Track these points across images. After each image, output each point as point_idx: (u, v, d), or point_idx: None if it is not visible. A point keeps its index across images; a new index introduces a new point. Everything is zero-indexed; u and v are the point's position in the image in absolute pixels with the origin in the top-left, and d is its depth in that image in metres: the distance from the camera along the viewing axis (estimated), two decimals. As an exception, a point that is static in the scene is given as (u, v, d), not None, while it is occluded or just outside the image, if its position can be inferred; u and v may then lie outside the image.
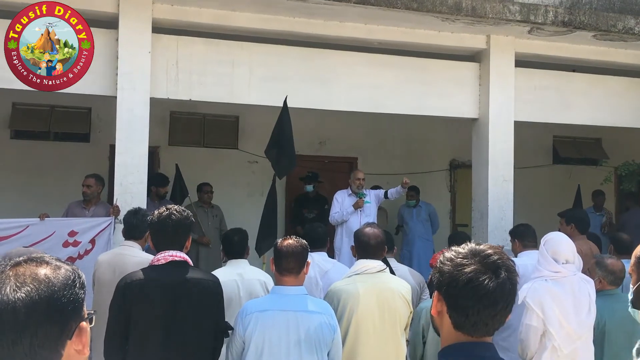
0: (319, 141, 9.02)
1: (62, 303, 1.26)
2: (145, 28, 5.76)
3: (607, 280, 4.01)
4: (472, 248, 1.59)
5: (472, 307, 1.51)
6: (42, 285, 1.25)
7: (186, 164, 8.08)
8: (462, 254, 1.58)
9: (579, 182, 9.32)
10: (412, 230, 8.35)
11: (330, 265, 4.36)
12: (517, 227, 5.14)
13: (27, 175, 7.79)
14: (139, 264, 3.85)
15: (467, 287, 1.51)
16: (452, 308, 1.55)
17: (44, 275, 1.27)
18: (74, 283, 1.30)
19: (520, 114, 6.90)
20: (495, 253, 1.58)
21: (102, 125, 7.97)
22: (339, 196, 6.99)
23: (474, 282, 1.51)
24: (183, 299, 2.94)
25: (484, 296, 1.50)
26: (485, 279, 1.52)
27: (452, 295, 1.54)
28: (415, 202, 8.40)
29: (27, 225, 5.26)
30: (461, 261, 1.56)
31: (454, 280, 1.54)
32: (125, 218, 4.37)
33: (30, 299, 1.22)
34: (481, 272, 1.52)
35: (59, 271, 1.30)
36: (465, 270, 1.53)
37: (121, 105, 5.67)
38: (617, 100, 7.36)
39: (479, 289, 1.51)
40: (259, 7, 5.93)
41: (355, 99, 6.55)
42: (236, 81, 6.16)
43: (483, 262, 1.54)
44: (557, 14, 6.33)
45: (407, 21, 6.31)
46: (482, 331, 1.55)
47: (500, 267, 1.55)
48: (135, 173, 5.67)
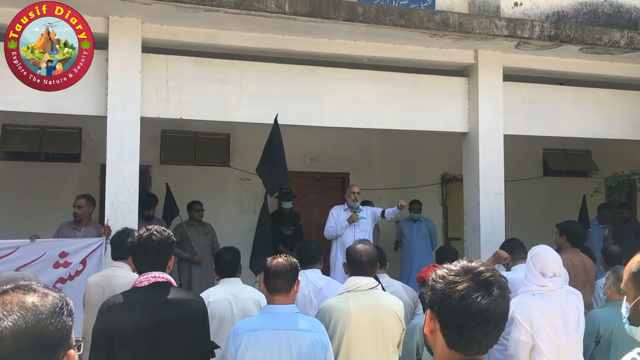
0: (311, 157, 9.04)
1: (49, 331, 1.25)
2: (135, 48, 5.78)
3: (616, 288, 4.03)
4: (464, 265, 1.58)
5: (465, 325, 1.50)
6: (29, 314, 1.24)
7: (178, 182, 8.06)
8: (454, 272, 1.57)
9: (569, 194, 9.37)
10: (413, 245, 8.33)
11: (324, 283, 4.35)
12: (506, 242, 5.17)
13: (18, 196, 7.75)
14: (128, 285, 3.80)
15: (459, 305, 1.50)
16: (445, 326, 1.53)
17: (31, 303, 1.26)
18: (62, 311, 1.29)
19: (510, 128, 6.95)
20: (487, 270, 1.57)
21: (92, 145, 7.95)
22: (334, 211, 7.02)
23: (466, 299, 1.50)
24: (167, 320, 2.90)
25: (477, 314, 1.50)
26: (478, 297, 1.51)
27: (444, 313, 1.53)
28: (418, 216, 8.44)
29: (17, 246, 5.22)
30: (453, 279, 1.55)
31: (447, 298, 1.53)
32: (112, 239, 4.36)
33: (18, 327, 1.22)
34: (473, 289, 1.52)
35: (47, 299, 1.29)
36: (458, 288, 1.52)
37: (112, 125, 5.67)
38: (606, 112, 7.43)
39: (472, 307, 1.50)
40: (248, 26, 5.97)
41: (346, 115, 6.58)
42: (227, 99, 6.18)
43: (475, 279, 1.54)
44: (544, 28, 6.41)
45: (395, 37, 6.37)
46: (476, 349, 1.54)
47: (493, 284, 1.54)
48: (127, 192, 5.66)
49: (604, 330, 3.94)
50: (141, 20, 5.79)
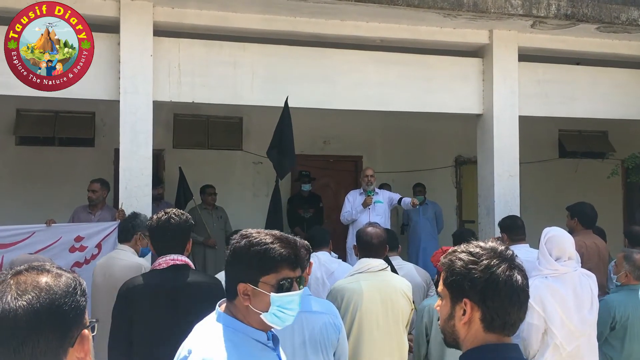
0: (324, 140, 9.01)
1: (63, 311, 1.26)
2: (146, 31, 5.77)
3: (634, 275, 3.99)
4: (489, 247, 1.59)
5: (514, 305, 1.52)
6: (43, 293, 1.25)
7: (191, 166, 8.09)
8: (485, 255, 1.56)
9: (585, 175, 9.26)
10: (419, 228, 8.35)
11: (336, 265, 4.35)
12: (505, 220, 5.09)
13: (33, 181, 7.82)
14: (127, 268, 3.87)
15: (508, 285, 1.52)
16: (491, 310, 1.52)
17: (45, 283, 1.27)
18: (75, 290, 1.30)
19: (525, 109, 6.86)
20: (506, 247, 1.61)
21: (106, 130, 7.98)
22: (350, 196, 7.02)
23: (512, 278, 1.53)
24: (185, 302, 2.93)
25: (521, 291, 1.53)
26: (517, 275, 1.54)
27: (492, 298, 1.52)
28: (422, 199, 8.42)
29: (33, 231, 5.26)
30: (489, 262, 1.55)
31: (494, 282, 1.52)
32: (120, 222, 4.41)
33: (32, 306, 1.23)
34: (510, 268, 1.55)
35: (60, 279, 1.30)
36: (498, 272, 1.53)
37: (124, 109, 5.67)
38: (623, 92, 7.30)
39: (516, 287, 1.53)
40: (259, 8, 5.92)
41: (359, 97, 6.54)
42: (239, 82, 6.15)
43: (506, 259, 1.56)
44: (560, 7, 6.29)
45: (408, 18, 6.29)
46: (513, 328, 1.57)
47: (515, 258, 1.59)
48: (140, 176, 5.68)
49: (620, 316, 3.89)
50: (152, 3, 5.76)
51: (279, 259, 1.81)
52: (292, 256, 1.83)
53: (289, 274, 1.82)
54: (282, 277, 1.82)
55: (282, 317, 1.84)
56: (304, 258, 1.82)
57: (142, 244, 4.25)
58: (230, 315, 1.87)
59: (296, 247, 1.87)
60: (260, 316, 1.83)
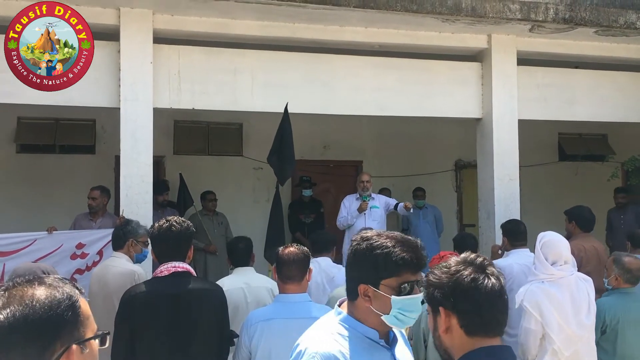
0: (324, 145, 9.03)
1: (40, 325, 1.25)
2: (146, 39, 5.79)
3: (623, 279, 3.98)
4: (459, 258, 1.69)
5: (483, 304, 1.58)
6: (21, 307, 1.25)
7: (192, 173, 8.10)
8: (454, 264, 1.66)
9: (585, 178, 9.27)
10: (420, 232, 8.34)
11: (337, 271, 4.36)
12: (507, 224, 5.06)
13: (34, 188, 7.83)
14: (120, 275, 3.90)
15: (472, 286, 1.59)
16: (463, 314, 1.59)
17: (31, 296, 1.28)
18: (60, 305, 1.29)
19: (524, 112, 6.87)
20: (479, 256, 1.69)
21: (106, 137, 8.00)
22: (346, 201, 7.00)
23: (477, 281, 1.60)
24: (187, 309, 2.95)
25: (490, 292, 1.59)
26: (484, 278, 1.61)
27: (461, 300, 1.59)
28: (423, 203, 8.44)
29: (34, 239, 5.28)
30: (456, 269, 1.64)
31: (459, 285, 1.60)
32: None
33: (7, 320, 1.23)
34: (477, 273, 1.62)
35: (49, 292, 1.30)
36: (465, 274, 1.61)
37: (125, 117, 5.69)
38: (622, 95, 7.31)
39: (483, 286, 1.59)
40: (258, 14, 5.94)
41: (358, 103, 6.55)
42: (239, 88, 6.17)
43: (474, 265, 1.64)
44: (558, 11, 6.31)
45: (407, 23, 6.31)
46: (496, 329, 1.62)
47: (486, 266, 1.65)
48: (141, 183, 5.69)
49: (610, 319, 3.85)
50: (152, 10, 5.79)
51: (401, 262, 1.82)
52: (414, 260, 1.83)
53: (409, 277, 1.82)
54: (403, 280, 1.83)
55: (403, 320, 1.85)
56: (425, 259, 1.85)
57: (136, 250, 4.26)
58: (349, 314, 1.91)
59: (417, 250, 1.87)
60: (382, 317, 1.85)
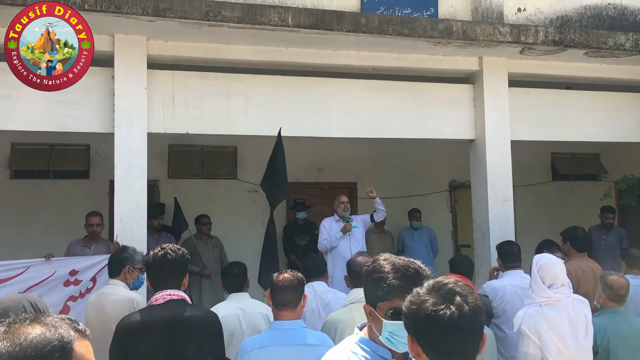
0: (318, 168, 9.04)
1: None
2: (140, 64, 5.82)
3: (607, 296, 3.97)
4: (430, 284, 1.68)
5: (439, 338, 1.58)
6: (9, 344, 1.27)
7: (186, 196, 8.09)
8: (422, 292, 1.66)
9: (579, 198, 9.30)
10: (415, 254, 8.32)
11: (332, 295, 4.34)
12: (501, 246, 5.08)
13: (28, 214, 7.80)
14: (118, 302, 3.88)
15: (428, 320, 1.59)
16: (424, 345, 1.61)
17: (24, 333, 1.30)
18: (48, 345, 1.30)
19: (517, 133, 6.92)
20: (450, 282, 1.66)
21: (100, 162, 8.00)
22: (326, 223, 7.00)
23: (432, 314, 1.59)
24: (182, 337, 2.93)
25: (446, 325, 1.57)
26: (443, 309, 1.59)
27: (420, 332, 1.62)
28: (419, 224, 8.46)
29: (27, 266, 5.24)
30: (421, 298, 1.64)
31: (418, 318, 1.62)
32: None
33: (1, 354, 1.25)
34: (438, 303, 1.60)
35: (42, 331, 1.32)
36: (425, 306, 1.61)
37: (119, 142, 5.70)
38: (615, 115, 7.39)
39: (439, 319, 1.58)
40: (251, 39, 5.99)
41: (352, 125, 6.59)
42: (233, 113, 6.20)
43: (439, 293, 1.63)
44: (548, 33, 6.39)
45: (399, 47, 6.37)
46: (460, 357, 1.61)
47: (455, 293, 1.62)
48: (135, 208, 5.68)
49: (601, 339, 3.81)
50: (146, 37, 5.83)
51: (391, 288, 1.89)
52: (405, 287, 1.84)
53: (399, 303, 1.83)
54: (392, 305, 1.89)
55: (394, 343, 1.91)
56: None
57: (132, 277, 4.23)
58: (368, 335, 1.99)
59: (414, 277, 1.91)
60: (379, 337, 1.93)
